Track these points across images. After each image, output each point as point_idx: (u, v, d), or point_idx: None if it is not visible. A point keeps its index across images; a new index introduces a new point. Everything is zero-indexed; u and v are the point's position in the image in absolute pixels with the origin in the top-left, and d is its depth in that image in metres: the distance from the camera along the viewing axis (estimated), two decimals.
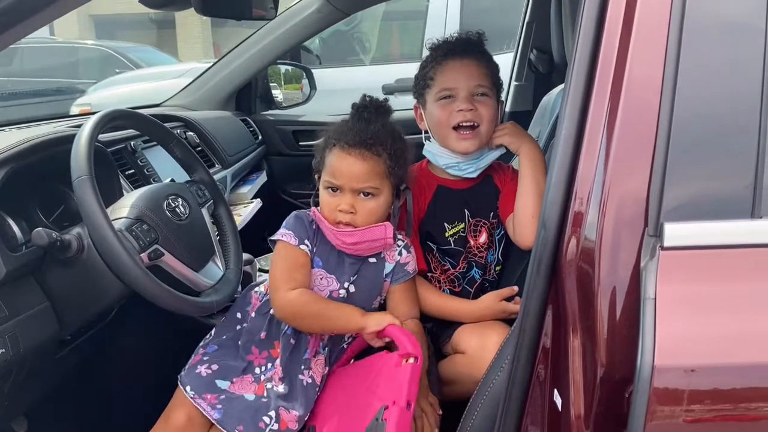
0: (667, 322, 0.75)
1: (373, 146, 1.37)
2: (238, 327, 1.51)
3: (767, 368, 0.75)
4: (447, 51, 1.56)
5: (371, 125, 1.40)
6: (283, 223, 1.46)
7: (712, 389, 0.75)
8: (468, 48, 1.57)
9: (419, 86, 1.60)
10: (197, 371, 1.45)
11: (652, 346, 0.74)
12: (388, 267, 1.46)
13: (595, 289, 0.83)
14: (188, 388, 1.41)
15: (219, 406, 1.38)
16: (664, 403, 0.74)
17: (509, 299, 1.53)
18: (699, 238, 0.79)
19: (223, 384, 1.42)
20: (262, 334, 1.45)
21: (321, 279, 1.43)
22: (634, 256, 0.81)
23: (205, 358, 1.48)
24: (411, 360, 1.22)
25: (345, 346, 1.49)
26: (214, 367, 1.45)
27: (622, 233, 0.82)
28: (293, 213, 1.47)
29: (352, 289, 1.44)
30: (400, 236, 1.49)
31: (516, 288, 1.54)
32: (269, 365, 1.43)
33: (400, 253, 1.47)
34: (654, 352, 0.73)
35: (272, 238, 1.45)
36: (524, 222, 1.48)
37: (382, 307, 1.51)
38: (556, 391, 0.90)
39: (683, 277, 0.78)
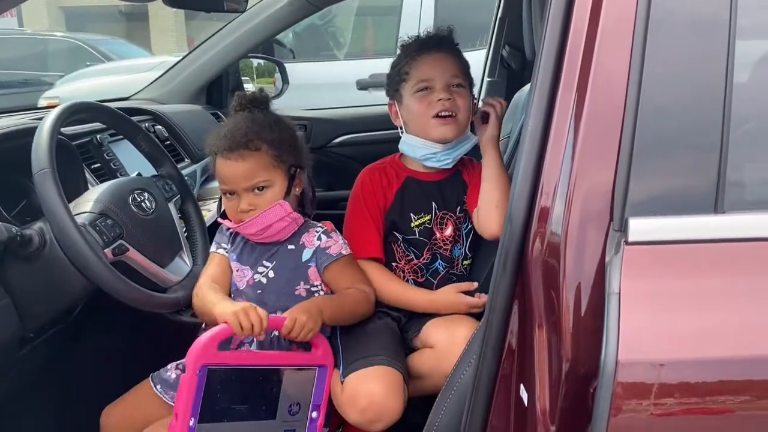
0: (631, 317, 0.75)
1: (249, 143, 1.39)
2: None
3: (730, 362, 0.76)
4: (420, 46, 1.58)
5: (244, 125, 1.41)
6: None
7: (676, 383, 0.75)
8: (441, 42, 1.59)
9: (393, 83, 1.60)
10: (168, 374, 1.49)
11: (616, 340, 0.74)
12: (308, 252, 1.47)
13: (561, 284, 0.82)
14: (158, 387, 1.48)
15: None
16: (628, 397, 0.74)
17: (471, 293, 1.54)
18: (663, 233, 0.79)
19: None
20: None
21: (237, 271, 1.50)
22: (600, 250, 0.81)
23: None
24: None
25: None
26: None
27: (588, 228, 0.82)
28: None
29: (271, 274, 1.47)
30: (319, 224, 1.51)
31: (475, 283, 1.56)
32: None
33: (319, 239, 1.48)
34: (618, 347, 0.73)
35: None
36: (488, 210, 1.50)
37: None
38: (522, 386, 0.90)
39: (647, 272, 0.78)
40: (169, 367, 1.52)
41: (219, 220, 1.52)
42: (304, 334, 1.32)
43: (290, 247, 1.48)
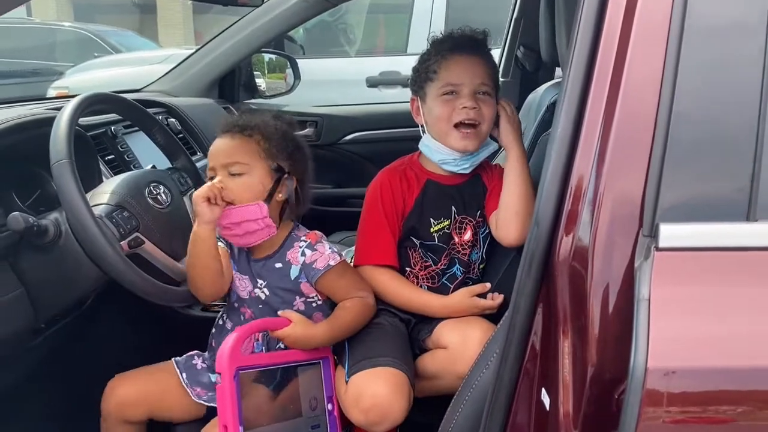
0: (661, 324, 0.74)
1: (245, 129, 1.38)
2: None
3: (761, 372, 0.75)
4: (453, 46, 1.53)
5: (250, 115, 1.42)
6: None
7: (705, 392, 0.74)
8: (474, 45, 1.54)
9: (419, 79, 1.56)
10: (194, 362, 1.49)
11: (646, 347, 0.73)
12: (295, 270, 1.42)
13: (588, 288, 0.82)
14: (184, 375, 1.47)
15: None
16: (656, 404, 0.73)
17: (483, 296, 1.53)
18: (694, 239, 0.78)
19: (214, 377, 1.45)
20: None
21: (239, 281, 1.46)
22: (628, 256, 0.81)
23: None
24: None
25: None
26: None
27: (617, 233, 0.81)
28: None
29: (267, 292, 1.44)
30: (303, 237, 1.45)
31: (488, 285, 1.54)
32: None
33: (303, 254, 1.42)
34: (647, 354, 0.73)
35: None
36: (507, 218, 1.47)
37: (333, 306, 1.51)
38: (544, 390, 0.90)
39: (678, 278, 0.77)
40: (192, 353, 1.52)
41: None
42: (291, 343, 1.36)
43: (278, 265, 1.43)
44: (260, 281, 1.43)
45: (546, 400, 0.89)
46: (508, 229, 1.47)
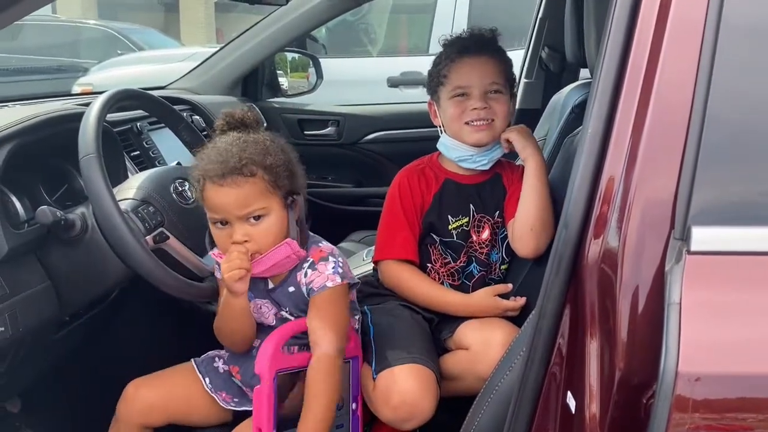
0: (692, 328, 0.73)
1: (244, 168, 1.24)
2: None
3: None
4: (461, 48, 1.55)
5: (236, 148, 1.26)
6: None
7: (736, 398, 0.73)
8: (482, 45, 1.56)
9: (433, 83, 1.59)
10: (215, 364, 1.46)
11: (676, 352, 0.72)
12: (305, 289, 1.35)
13: (617, 291, 0.81)
14: (207, 381, 1.43)
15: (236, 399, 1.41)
16: (686, 410, 0.72)
17: (506, 296, 1.53)
18: (727, 243, 0.77)
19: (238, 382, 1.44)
20: None
21: (260, 308, 1.38)
22: (659, 259, 0.80)
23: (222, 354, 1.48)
24: None
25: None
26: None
27: (647, 236, 0.81)
28: None
29: (294, 314, 1.37)
30: (309, 256, 1.35)
31: (510, 285, 1.54)
32: None
33: (305, 275, 1.33)
34: (678, 358, 0.72)
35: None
36: (522, 233, 1.48)
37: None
38: (569, 393, 0.89)
39: (709, 282, 0.76)
40: (211, 355, 1.48)
41: (213, 254, 1.35)
42: None
43: (291, 289, 1.35)
44: (282, 306, 1.38)
45: (572, 403, 0.88)
46: (522, 243, 1.49)
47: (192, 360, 1.48)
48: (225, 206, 1.26)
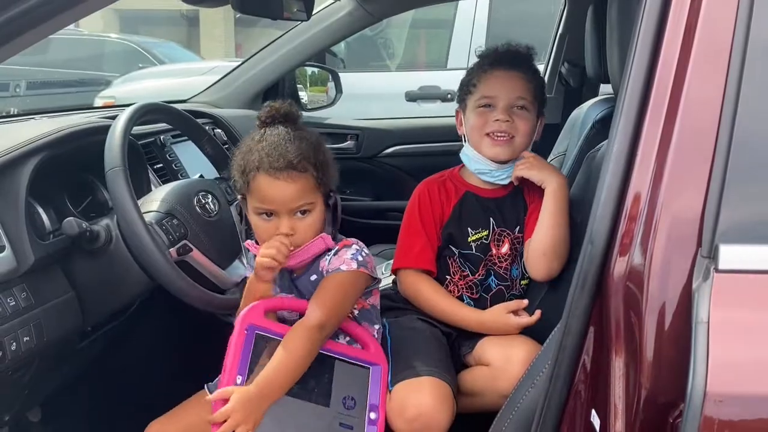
0: (721, 348, 0.72)
1: (299, 164, 1.28)
2: None
3: None
4: (493, 60, 1.57)
5: (291, 144, 1.29)
6: None
7: (766, 419, 0.72)
8: (515, 60, 1.57)
9: (462, 91, 1.61)
10: None
11: (705, 371, 0.71)
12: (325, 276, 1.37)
13: (643, 309, 0.80)
14: None
15: None
16: (714, 431, 0.71)
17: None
18: (755, 262, 0.76)
19: None
20: None
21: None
22: (686, 277, 0.79)
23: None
24: None
25: None
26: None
27: (674, 254, 0.80)
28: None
29: None
30: (335, 246, 1.37)
31: (525, 301, 1.52)
32: None
33: (329, 262, 1.35)
34: (706, 378, 0.71)
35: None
36: (535, 257, 1.49)
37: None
38: (594, 411, 0.88)
39: (739, 301, 0.75)
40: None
41: (247, 244, 1.38)
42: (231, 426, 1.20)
43: (313, 278, 1.37)
44: (305, 296, 1.39)
45: (596, 421, 0.87)
46: (534, 267, 1.51)
47: (205, 385, 1.45)
48: (279, 198, 1.29)
